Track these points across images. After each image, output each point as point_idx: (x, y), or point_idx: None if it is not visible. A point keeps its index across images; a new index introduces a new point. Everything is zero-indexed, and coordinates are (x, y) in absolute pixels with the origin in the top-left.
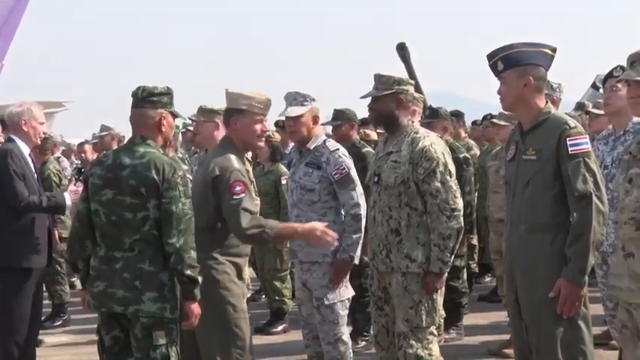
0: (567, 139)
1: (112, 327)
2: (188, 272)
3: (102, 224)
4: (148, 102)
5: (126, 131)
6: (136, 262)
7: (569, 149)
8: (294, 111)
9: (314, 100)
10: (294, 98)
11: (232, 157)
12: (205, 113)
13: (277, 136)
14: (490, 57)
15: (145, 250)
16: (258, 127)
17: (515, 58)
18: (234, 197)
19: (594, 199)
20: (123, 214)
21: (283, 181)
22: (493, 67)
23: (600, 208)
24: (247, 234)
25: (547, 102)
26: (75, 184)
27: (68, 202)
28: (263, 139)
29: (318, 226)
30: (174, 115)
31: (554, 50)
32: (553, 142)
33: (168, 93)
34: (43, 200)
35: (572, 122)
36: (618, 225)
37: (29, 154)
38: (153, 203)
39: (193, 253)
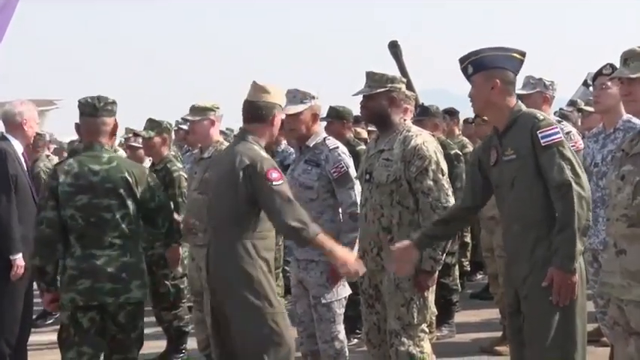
0: (538, 131)
1: (90, 310)
2: None
3: (79, 227)
4: (105, 110)
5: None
6: (118, 256)
7: (542, 141)
8: (293, 109)
9: (314, 97)
10: (294, 96)
11: (257, 148)
12: (199, 111)
13: None
14: (461, 61)
15: (125, 244)
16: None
17: (484, 61)
18: (274, 183)
19: (574, 185)
20: (102, 215)
21: None
22: (464, 70)
23: (581, 193)
24: (289, 225)
25: (517, 101)
26: None
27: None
28: None
29: (351, 260)
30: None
31: (523, 54)
32: (527, 138)
33: (115, 102)
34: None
35: (540, 115)
36: (610, 222)
37: (22, 153)
38: (131, 201)
39: None
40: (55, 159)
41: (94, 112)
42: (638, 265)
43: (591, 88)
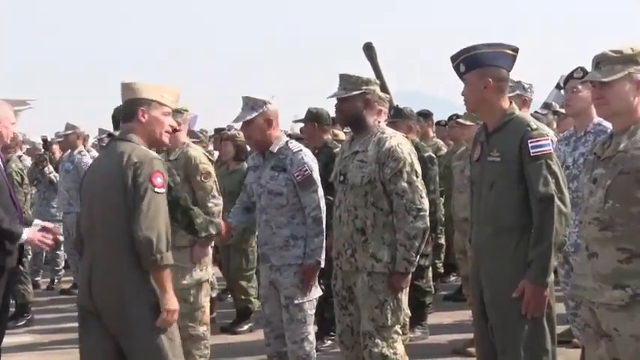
0: (529, 140)
1: None
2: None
3: None
4: None
5: (90, 130)
6: None
7: (531, 151)
8: (242, 117)
9: (267, 103)
10: (245, 103)
11: (140, 146)
12: None
13: (242, 136)
14: (453, 59)
15: None
16: (167, 120)
17: (477, 59)
18: (157, 189)
19: (556, 200)
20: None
21: None
22: (456, 68)
23: (562, 209)
24: (148, 237)
25: (511, 103)
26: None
27: (24, 236)
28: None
29: (175, 312)
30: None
31: (515, 50)
32: (516, 144)
33: None
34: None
35: (534, 124)
36: (582, 225)
37: None
38: None
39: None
40: (28, 160)
41: None
42: (609, 269)
43: (562, 91)
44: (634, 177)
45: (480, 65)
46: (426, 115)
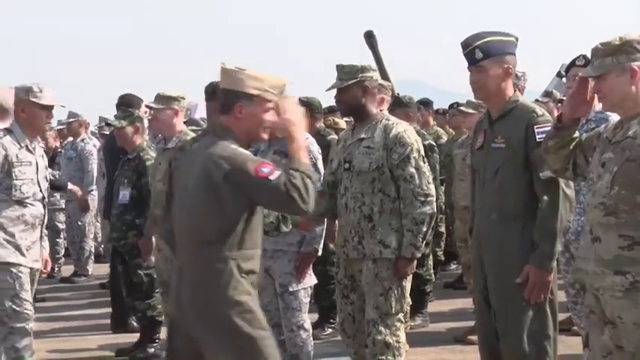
0: (535, 127)
1: None
2: None
3: None
4: (213, 96)
5: (89, 118)
6: None
7: (537, 137)
8: None
9: None
10: None
11: (231, 144)
12: (164, 100)
13: None
14: (465, 45)
15: None
16: (267, 116)
17: (494, 47)
18: (270, 178)
19: (561, 184)
20: None
21: None
22: (469, 55)
23: (567, 194)
24: (309, 204)
25: (515, 90)
26: None
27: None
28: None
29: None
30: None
31: (517, 39)
32: (521, 131)
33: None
34: None
35: (539, 110)
36: (589, 208)
37: None
38: None
39: None
40: None
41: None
42: (610, 254)
43: (565, 79)
44: (639, 164)
45: (498, 53)
46: (426, 103)
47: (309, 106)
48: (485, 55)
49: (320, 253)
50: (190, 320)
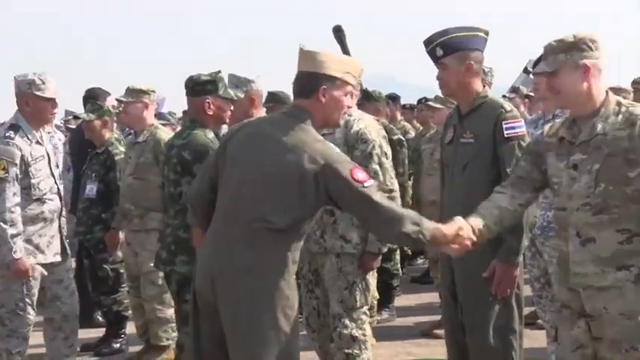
0: (503, 122)
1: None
2: None
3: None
4: (192, 90)
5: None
6: (175, 228)
7: (505, 132)
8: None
9: (250, 82)
10: (230, 81)
11: (320, 137)
12: (133, 93)
13: None
14: (427, 43)
15: (182, 219)
16: (347, 100)
17: (455, 43)
18: (366, 185)
19: None
20: (169, 188)
21: None
22: (431, 52)
23: None
24: (402, 231)
25: (484, 86)
26: None
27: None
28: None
29: (467, 237)
30: (224, 98)
31: (487, 33)
32: (490, 126)
33: (212, 81)
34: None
35: (507, 106)
36: (568, 212)
37: None
38: (186, 179)
39: None
40: None
41: (186, 91)
42: (609, 252)
43: (532, 75)
44: (623, 158)
45: (459, 49)
46: (394, 98)
47: (283, 100)
48: (445, 52)
49: None
50: (224, 299)
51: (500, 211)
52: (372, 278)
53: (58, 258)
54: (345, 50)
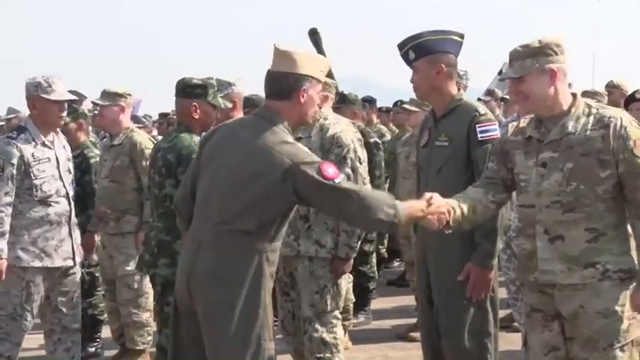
0: (477, 125)
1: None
2: None
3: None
4: (182, 92)
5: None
6: (159, 231)
7: (479, 136)
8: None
9: (230, 85)
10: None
11: (289, 137)
12: (109, 97)
13: None
14: (401, 46)
15: (165, 222)
16: (318, 99)
17: (426, 46)
18: (336, 181)
19: None
20: (154, 190)
21: None
22: (404, 56)
23: None
24: (378, 218)
25: (459, 89)
26: None
27: None
28: None
29: (442, 205)
30: (213, 105)
31: (462, 36)
32: (464, 129)
33: (203, 85)
34: None
35: (482, 109)
36: (536, 209)
37: None
38: (170, 182)
39: None
40: None
41: (175, 92)
42: (577, 250)
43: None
44: (595, 157)
45: (430, 52)
46: (370, 101)
47: (258, 104)
48: (417, 55)
49: None
50: (201, 302)
51: (473, 201)
52: (345, 282)
53: (70, 263)
54: (321, 53)
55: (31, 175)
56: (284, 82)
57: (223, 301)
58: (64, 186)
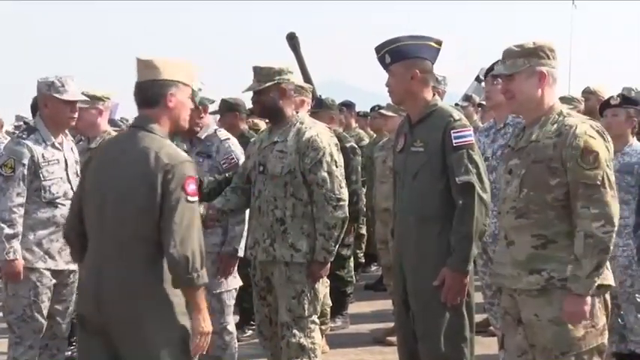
0: (452, 131)
1: None
2: None
3: None
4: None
5: (5, 116)
6: None
7: (454, 141)
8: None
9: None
10: None
11: (167, 141)
12: (88, 100)
13: None
14: (378, 50)
15: None
16: (189, 103)
17: (402, 51)
18: (189, 198)
19: (477, 189)
20: None
21: None
22: (381, 60)
23: (483, 198)
24: (183, 255)
25: (434, 94)
26: None
27: None
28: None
29: (208, 334)
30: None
31: (439, 43)
32: (439, 135)
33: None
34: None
35: (456, 115)
36: (501, 214)
37: None
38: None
39: None
40: None
41: None
42: (524, 255)
43: (483, 84)
44: (546, 165)
45: (406, 57)
46: (348, 105)
47: (238, 107)
48: (393, 59)
49: (242, 254)
50: (115, 317)
51: None
52: (322, 287)
53: (72, 267)
54: (299, 57)
55: (41, 176)
56: (151, 91)
57: (139, 312)
58: (71, 188)
